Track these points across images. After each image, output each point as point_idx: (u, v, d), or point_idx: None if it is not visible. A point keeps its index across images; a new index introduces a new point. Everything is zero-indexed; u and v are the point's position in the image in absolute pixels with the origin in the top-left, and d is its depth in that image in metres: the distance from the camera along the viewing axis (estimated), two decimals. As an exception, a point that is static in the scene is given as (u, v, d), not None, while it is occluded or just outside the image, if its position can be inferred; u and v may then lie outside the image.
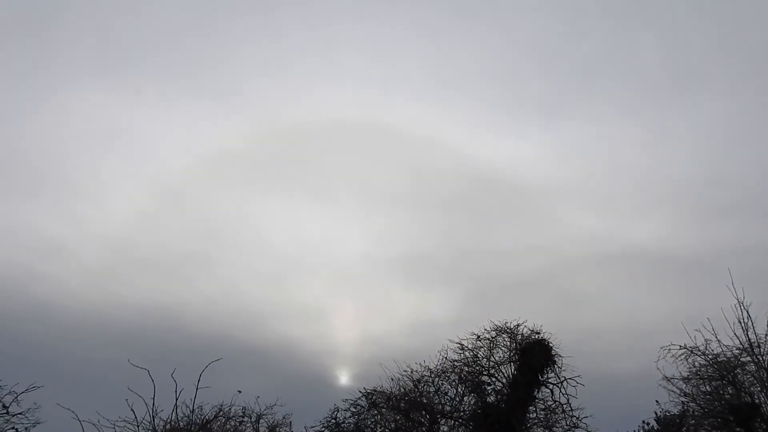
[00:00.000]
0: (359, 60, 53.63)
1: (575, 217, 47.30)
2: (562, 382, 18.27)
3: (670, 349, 18.38)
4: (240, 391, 19.87)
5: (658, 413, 20.26)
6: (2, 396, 13.59)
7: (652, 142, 50.59)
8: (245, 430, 20.68)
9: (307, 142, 50.00)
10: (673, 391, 18.53)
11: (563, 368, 18.17)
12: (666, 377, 18.41)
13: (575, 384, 18.29)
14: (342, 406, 19.38)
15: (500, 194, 50.11)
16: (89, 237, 42.65)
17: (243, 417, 20.40)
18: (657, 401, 19.28)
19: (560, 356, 18.27)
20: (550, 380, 18.39)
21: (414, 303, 43.04)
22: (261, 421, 20.79)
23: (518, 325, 19.09)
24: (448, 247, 48.16)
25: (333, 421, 19.07)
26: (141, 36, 50.94)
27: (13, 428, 13.54)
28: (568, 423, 18.19)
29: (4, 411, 13.39)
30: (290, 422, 21.00)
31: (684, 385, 18.62)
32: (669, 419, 19.96)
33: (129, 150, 49.58)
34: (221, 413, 19.65)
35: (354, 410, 19.29)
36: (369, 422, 19.25)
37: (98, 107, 48.21)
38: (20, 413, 13.72)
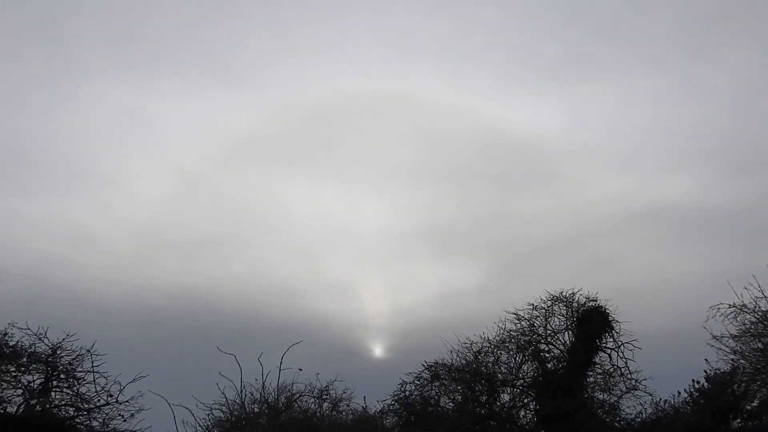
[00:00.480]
0: (373, 32, 53.12)
1: (599, 179, 46.94)
2: (619, 347, 18.86)
3: (719, 308, 18.51)
4: (301, 369, 20.75)
5: (708, 372, 20.48)
6: (108, 386, 14.48)
7: (675, 97, 49.48)
8: (309, 407, 21.52)
9: (326, 120, 49.74)
10: (722, 350, 18.60)
11: (621, 333, 18.76)
12: (714, 336, 18.44)
13: (632, 348, 18.91)
14: (407, 379, 20.19)
15: (522, 160, 49.43)
16: (120, 225, 43.60)
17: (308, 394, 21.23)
18: (706, 360, 19.35)
19: (617, 321, 18.86)
20: (608, 345, 19.01)
21: (440, 273, 43.58)
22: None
23: (573, 294, 19.60)
24: (471, 216, 48.20)
25: (403, 394, 19.88)
26: (157, 27, 51.23)
27: (120, 416, 14.44)
28: (627, 386, 18.85)
29: (113, 400, 14.26)
30: (350, 396, 21.75)
31: (734, 344, 18.87)
32: (719, 377, 20.24)
33: (154, 139, 50.48)
34: (287, 391, 20.71)
35: (417, 383, 20.09)
36: (433, 393, 20.09)
37: (121, 99, 49.04)
38: (127, 401, 14.60)
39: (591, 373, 19.02)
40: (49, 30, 48.58)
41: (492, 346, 19.96)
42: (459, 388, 19.78)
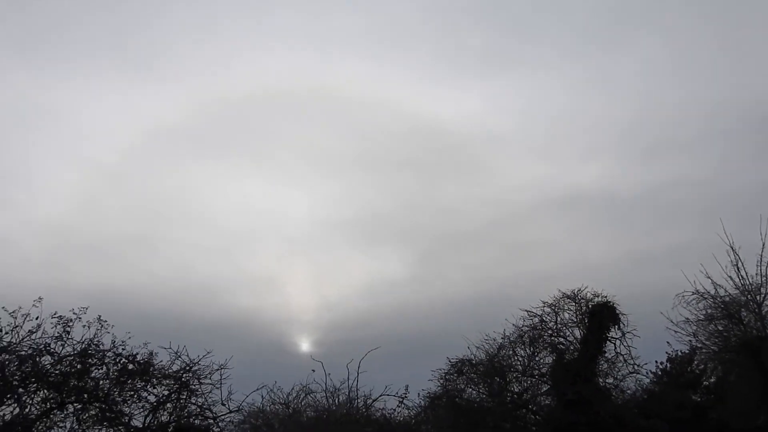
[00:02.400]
0: (292, 22, 52.68)
1: (517, 166, 49.13)
2: (623, 335, 21.54)
3: (683, 296, 21.58)
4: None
5: (670, 353, 23.49)
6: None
7: (590, 86, 51.91)
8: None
9: (247, 111, 49.39)
10: (678, 333, 21.16)
11: (627, 325, 21.43)
12: (673, 322, 20.99)
13: (631, 337, 21.65)
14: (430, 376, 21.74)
15: (446, 149, 50.80)
16: (26, 225, 41.44)
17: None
18: (668, 343, 21.78)
19: (623, 314, 21.52)
20: (614, 335, 21.63)
21: (368, 265, 44.56)
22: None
23: (580, 290, 22.04)
24: (397, 207, 49.26)
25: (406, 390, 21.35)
26: (60, 9, 48.68)
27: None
28: (630, 370, 21.60)
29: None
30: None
31: (693, 328, 21.95)
32: (680, 358, 23.32)
33: (58, 131, 48.02)
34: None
35: (442, 381, 21.71)
36: (459, 386, 21.79)
37: (20, 87, 45.92)
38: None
39: (601, 360, 21.54)
40: None
41: (510, 341, 22.04)
42: (487, 380, 21.57)
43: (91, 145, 47.39)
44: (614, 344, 21.53)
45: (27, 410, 12.58)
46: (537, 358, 22.13)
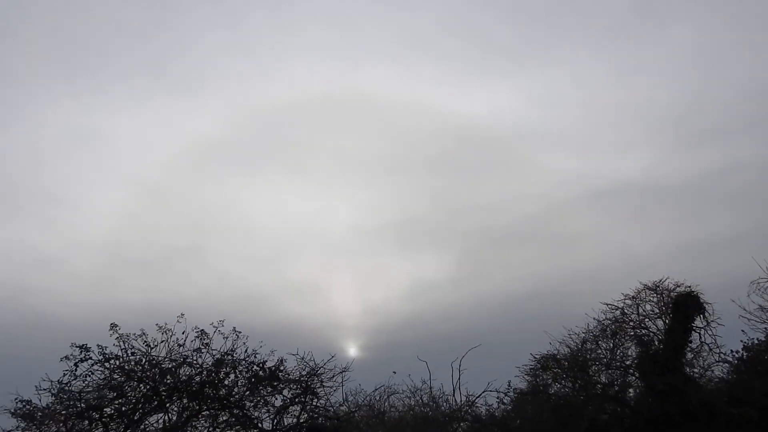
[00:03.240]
0: (322, 31, 53.25)
1: (558, 161, 48.31)
2: (708, 324, 21.68)
3: (758, 283, 21.56)
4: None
5: (745, 342, 23.38)
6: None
7: (625, 76, 50.94)
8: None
9: (283, 121, 50.44)
10: (753, 321, 21.03)
11: (712, 314, 21.56)
12: (746, 310, 20.94)
13: (715, 326, 21.78)
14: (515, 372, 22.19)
15: (480, 148, 50.56)
16: (77, 244, 43.33)
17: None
18: (743, 331, 21.62)
19: (707, 303, 21.66)
20: (698, 325, 21.78)
21: (409, 268, 44.81)
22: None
23: (661, 280, 22.24)
24: (435, 208, 49.16)
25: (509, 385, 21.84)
26: (101, 37, 50.70)
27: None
28: (715, 359, 21.73)
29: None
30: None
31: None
32: (758, 345, 23.22)
33: (104, 152, 49.83)
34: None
35: (528, 376, 22.14)
36: (547, 381, 22.20)
37: (68, 114, 48.23)
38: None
39: (686, 350, 21.72)
40: None
41: (593, 335, 22.36)
42: (573, 374, 21.93)
43: (136, 164, 49.62)
44: (699, 334, 21.68)
45: (174, 419, 13.44)
46: (620, 351, 22.42)
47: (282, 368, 15.24)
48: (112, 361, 14.35)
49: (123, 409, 13.81)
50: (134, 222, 45.34)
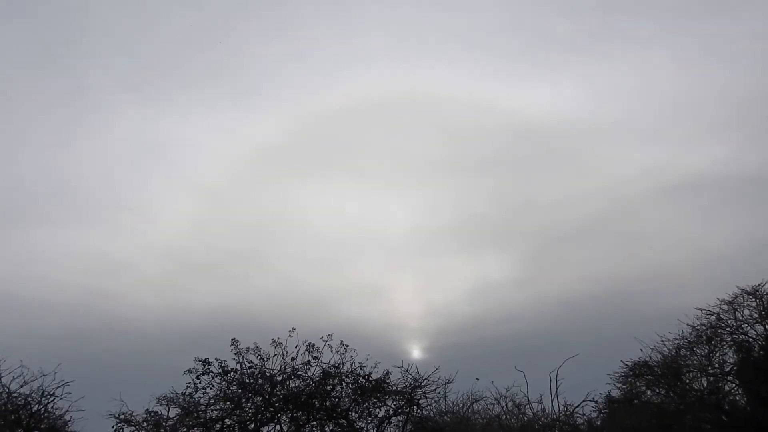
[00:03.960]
0: (376, 34, 52.43)
1: (628, 154, 45.82)
2: (815, 328, 20.64)
3: None
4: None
5: None
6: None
7: (691, 64, 47.47)
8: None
9: (340, 125, 49.65)
10: None
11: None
12: None
13: (824, 329, 20.69)
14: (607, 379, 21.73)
15: (543, 144, 48.31)
16: (145, 250, 43.85)
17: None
18: None
19: (817, 305, 20.63)
20: (802, 329, 20.78)
21: (471, 269, 43.40)
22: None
23: (761, 284, 21.31)
24: (497, 207, 47.72)
25: (608, 395, 21.41)
26: (163, 48, 51.83)
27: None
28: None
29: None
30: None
31: None
32: None
33: (170, 160, 50.89)
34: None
35: (619, 384, 21.66)
36: (641, 388, 21.67)
37: (133, 123, 49.48)
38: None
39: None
40: (52, 56, 48.85)
41: (688, 342, 21.66)
42: (667, 382, 21.33)
43: (201, 172, 50.38)
44: (807, 339, 20.69)
45: (285, 430, 13.90)
46: (717, 357, 21.65)
47: (388, 380, 15.48)
48: (230, 375, 14.98)
49: (240, 420, 14.40)
50: (198, 228, 46.30)
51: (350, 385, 15.28)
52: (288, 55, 53.31)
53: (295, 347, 15.48)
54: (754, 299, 21.49)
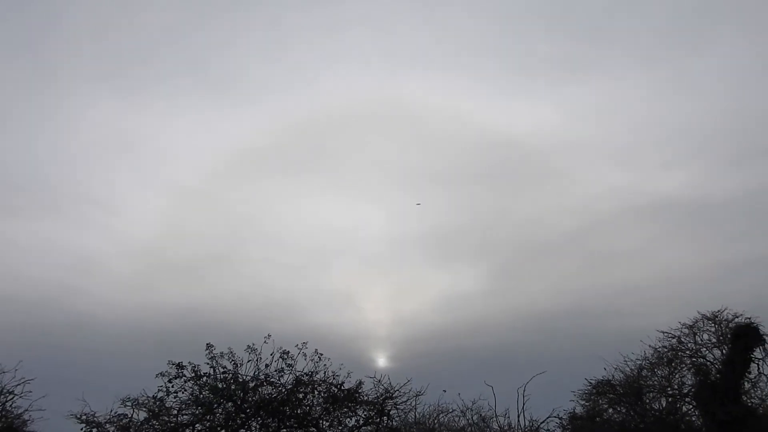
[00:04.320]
0: (363, 40, 53.08)
1: (600, 175, 47.34)
2: (767, 356, 21.49)
3: None
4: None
5: None
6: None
7: (662, 94, 50.13)
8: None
9: (321, 129, 49.84)
10: None
11: (772, 344, 21.35)
12: None
13: (773, 357, 21.56)
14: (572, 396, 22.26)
15: (520, 160, 49.77)
16: (116, 247, 43.65)
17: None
18: None
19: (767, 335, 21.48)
20: (756, 356, 21.62)
21: (441, 279, 44.34)
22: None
23: (720, 311, 22.14)
24: (471, 219, 48.65)
25: (572, 412, 21.86)
26: (140, 40, 50.52)
27: None
28: (772, 390, 21.51)
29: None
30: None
31: None
32: None
33: (143, 155, 50.25)
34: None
35: (583, 402, 22.18)
36: (603, 406, 22.21)
37: (106, 115, 48.44)
38: None
39: (745, 381, 21.56)
40: (24, 43, 47.84)
41: (650, 363, 22.33)
42: (629, 400, 21.92)
43: (174, 169, 49.76)
44: (758, 365, 21.53)
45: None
46: (676, 378, 22.35)
47: (360, 390, 15.56)
48: (203, 379, 14.87)
49: (211, 426, 14.29)
50: (172, 227, 46.00)
51: (322, 394, 15.36)
52: (269, 54, 53.08)
53: (270, 354, 15.53)
54: (713, 324, 22.32)
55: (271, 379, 15.13)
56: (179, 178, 48.22)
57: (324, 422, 15.09)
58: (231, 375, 15.10)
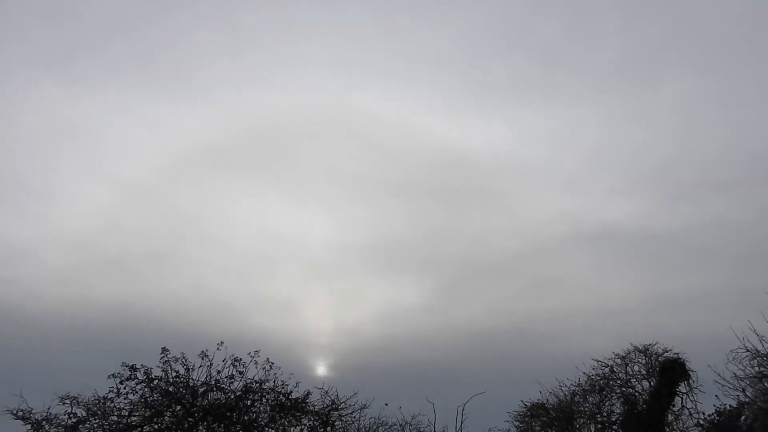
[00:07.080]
0: (320, 45, 52.54)
1: (548, 199, 47.80)
2: (691, 390, 22.97)
3: (737, 353, 22.70)
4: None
5: (718, 407, 24.56)
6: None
7: (613, 123, 51.28)
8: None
9: (273, 132, 48.91)
10: (726, 386, 21.28)
11: (696, 381, 22.85)
12: (721, 375, 21.14)
13: (697, 392, 23.06)
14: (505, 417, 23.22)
15: (471, 178, 49.93)
16: (51, 238, 41.99)
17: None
18: (717, 396, 22.23)
19: (693, 371, 22.96)
20: (681, 390, 23.07)
21: (386, 291, 43.97)
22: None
23: (651, 344, 23.52)
24: (418, 232, 48.88)
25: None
26: (91, 25, 48.26)
27: None
28: (694, 424, 23.02)
29: None
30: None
31: (741, 383, 23.15)
32: (730, 412, 24.57)
33: (85, 145, 47.98)
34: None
35: (517, 423, 23.16)
36: (536, 428, 23.24)
37: (50, 102, 45.95)
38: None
39: (669, 413, 22.97)
40: None
41: (582, 389, 23.53)
42: (560, 425, 23.03)
43: (118, 162, 47.41)
44: (681, 398, 22.97)
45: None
46: (606, 406, 23.60)
47: (308, 400, 15.99)
48: (155, 382, 15.01)
49: (159, 428, 14.46)
50: (112, 221, 43.84)
51: (270, 402, 15.73)
52: (223, 49, 51.09)
53: (222, 360, 15.81)
54: (644, 357, 23.67)
55: (221, 385, 15.49)
56: (123, 171, 46.00)
57: (270, 430, 15.49)
58: (182, 379, 15.36)
